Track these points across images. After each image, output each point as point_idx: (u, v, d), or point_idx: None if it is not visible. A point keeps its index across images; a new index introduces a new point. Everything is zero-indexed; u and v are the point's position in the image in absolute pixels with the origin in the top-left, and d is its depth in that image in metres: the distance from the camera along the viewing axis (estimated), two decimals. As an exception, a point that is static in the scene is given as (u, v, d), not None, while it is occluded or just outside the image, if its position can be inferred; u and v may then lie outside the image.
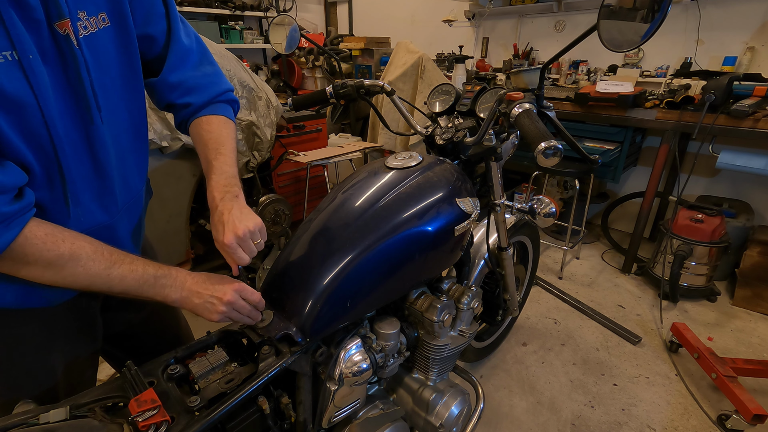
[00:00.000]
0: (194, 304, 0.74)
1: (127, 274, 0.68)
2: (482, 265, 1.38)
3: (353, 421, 1.00)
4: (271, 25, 1.55)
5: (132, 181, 0.83)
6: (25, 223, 0.59)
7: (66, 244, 0.63)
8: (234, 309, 0.76)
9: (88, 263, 0.64)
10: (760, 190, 2.60)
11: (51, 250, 0.61)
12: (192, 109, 0.87)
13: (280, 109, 2.38)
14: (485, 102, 1.15)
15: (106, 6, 0.66)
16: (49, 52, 0.60)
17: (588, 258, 2.88)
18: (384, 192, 0.96)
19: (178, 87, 0.84)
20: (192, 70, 0.85)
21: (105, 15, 0.66)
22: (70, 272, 0.63)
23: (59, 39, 0.60)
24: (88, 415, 0.62)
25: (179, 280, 0.73)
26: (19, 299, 0.72)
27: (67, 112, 0.64)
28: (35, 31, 0.57)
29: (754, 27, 2.44)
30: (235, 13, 3.95)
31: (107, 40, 0.68)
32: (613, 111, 2.45)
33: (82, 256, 0.64)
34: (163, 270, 0.72)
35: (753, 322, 2.22)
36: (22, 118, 0.58)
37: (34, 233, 0.60)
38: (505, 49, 3.59)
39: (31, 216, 0.61)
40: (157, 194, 2.12)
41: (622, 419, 1.64)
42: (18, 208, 0.58)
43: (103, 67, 0.68)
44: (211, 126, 0.87)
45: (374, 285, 0.90)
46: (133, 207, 0.86)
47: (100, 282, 0.66)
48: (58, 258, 0.62)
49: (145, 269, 0.70)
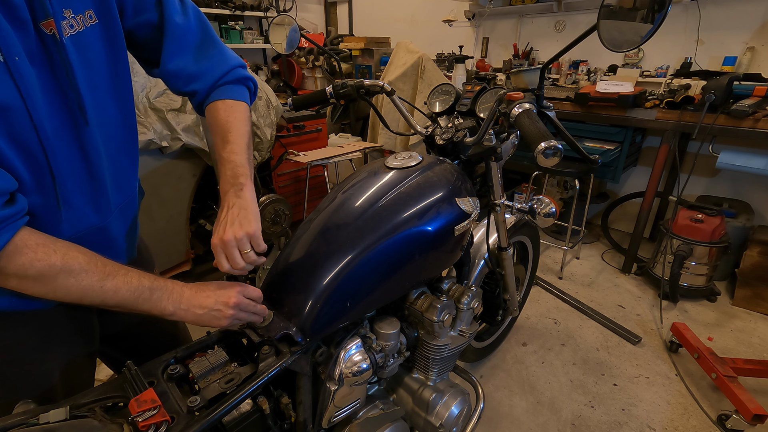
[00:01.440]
0: (197, 316, 0.71)
1: (121, 286, 0.65)
2: (482, 265, 1.38)
3: (353, 421, 1.00)
4: (271, 25, 1.55)
5: (125, 181, 0.82)
6: (17, 230, 0.57)
7: (58, 255, 0.60)
8: (241, 310, 0.75)
9: (81, 275, 0.61)
10: (760, 190, 2.60)
11: (42, 260, 0.58)
12: (200, 97, 0.84)
13: (280, 109, 2.38)
14: (485, 102, 1.15)
15: (92, 3, 0.64)
16: (36, 53, 0.58)
17: (588, 258, 2.88)
18: (384, 192, 0.96)
19: (179, 75, 0.81)
20: (192, 55, 0.81)
21: (92, 12, 0.64)
22: (61, 284, 0.60)
23: (46, 39, 0.58)
24: (88, 415, 0.62)
25: (176, 293, 0.70)
26: (14, 303, 0.71)
27: (56, 114, 0.62)
28: (22, 31, 0.56)
29: (754, 27, 2.44)
30: (235, 13, 3.94)
31: (94, 37, 0.66)
32: (613, 111, 2.45)
33: (74, 267, 0.61)
34: (158, 282, 0.69)
35: (753, 322, 2.22)
36: (8, 122, 0.56)
37: (25, 242, 0.58)
38: (505, 49, 3.59)
39: (23, 223, 0.59)
40: (157, 194, 2.13)
41: (622, 419, 1.64)
42: (9, 214, 0.56)
43: (93, 66, 0.66)
44: (217, 113, 0.83)
45: (374, 285, 0.90)
46: (126, 208, 0.85)
47: (93, 295, 0.63)
48: (50, 269, 0.59)
49: (141, 281, 0.67)
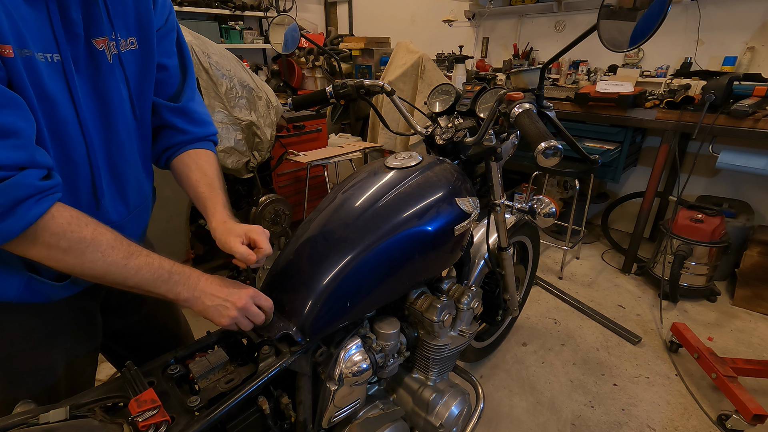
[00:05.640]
0: (205, 306, 0.73)
1: (143, 266, 0.67)
2: (482, 265, 1.38)
3: (353, 421, 1.00)
4: (271, 25, 1.55)
5: (143, 185, 0.88)
6: (54, 202, 0.61)
7: (89, 229, 0.63)
8: (245, 315, 0.75)
9: (108, 251, 0.64)
10: (760, 190, 2.60)
11: (74, 231, 0.62)
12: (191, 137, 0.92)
13: (280, 109, 2.38)
14: (485, 102, 1.15)
15: (136, 33, 0.76)
16: (81, 61, 0.67)
17: (588, 258, 2.88)
18: (384, 192, 0.96)
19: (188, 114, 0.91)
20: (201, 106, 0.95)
21: (134, 39, 0.76)
22: (89, 258, 0.63)
23: (95, 53, 0.68)
24: (88, 415, 0.62)
25: (192, 280, 0.73)
26: (22, 293, 0.73)
27: (92, 117, 0.71)
28: (74, 42, 0.65)
29: (754, 27, 2.44)
30: (235, 13, 3.95)
31: (133, 60, 0.77)
32: (613, 111, 2.45)
33: (102, 242, 0.64)
34: (177, 267, 0.72)
35: (753, 322, 2.22)
36: (51, 112, 0.63)
37: (61, 213, 0.61)
38: (505, 49, 3.59)
39: (58, 198, 0.62)
40: (158, 194, 2.12)
41: (622, 419, 1.64)
42: (47, 186, 0.60)
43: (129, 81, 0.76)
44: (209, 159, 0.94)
45: (374, 285, 0.90)
46: (142, 212, 0.90)
47: (116, 272, 0.66)
48: (80, 241, 0.62)
49: (161, 264, 0.70)
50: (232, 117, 2.06)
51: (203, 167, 0.91)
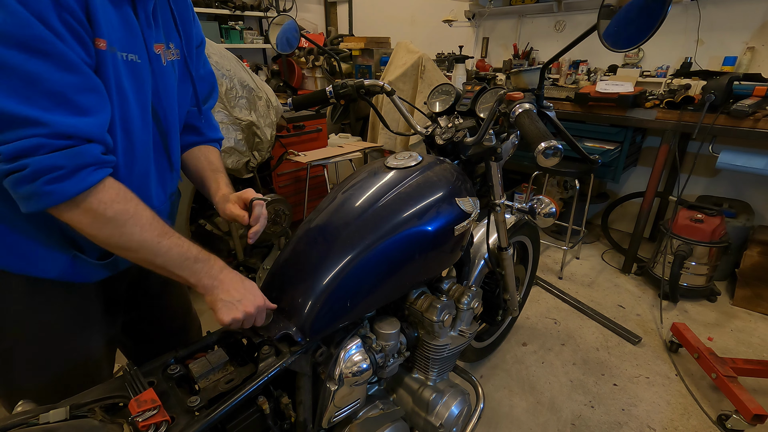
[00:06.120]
0: (217, 298, 0.75)
1: (173, 247, 0.71)
2: (482, 265, 1.38)
3: (353, 421, 1.00)
4: (271, 25, 1.55)
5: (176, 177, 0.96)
6: (108, 174, 0.66)
7: (132, 204, 0.68)
8: (247, 320, 0.77)
9: (146, 226, 0.68)
10: (760, 190, 2.60)
11: (120, 203, 0.66)
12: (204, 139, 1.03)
13: (280, 109, 2.38)
14: (485, 102, 1.15)
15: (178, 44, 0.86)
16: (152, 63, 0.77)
17: (588, 258, 2.88)
18: (384, 192, 0.96)
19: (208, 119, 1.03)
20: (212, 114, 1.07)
21: (179, 51, 0.86)
22: (128, 230, 0.67)
23: (152, 56, 0.77)
24: (88, 415, 0.62)
25: (215, 269, 0.76)
26: (65, 271, 0.78)
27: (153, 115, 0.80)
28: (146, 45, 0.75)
29: (754, 27, 2.44)
30: (235, 13, 3.94)
31: (177, 67, 0.87)
32: (613, 111, 2.45)
33: (142, 218, 0.68)
34: (203, 254, 0.76)
35: (753, 322, 2.22)
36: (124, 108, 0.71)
37: (111, 184, 0.67)
38: (505, 49, 3.59)
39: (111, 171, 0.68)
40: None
41: (622, 419, 1.64)
42: (106, 159, 0.66)
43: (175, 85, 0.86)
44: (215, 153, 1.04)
45: (374, 285, 0.90)
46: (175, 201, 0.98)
47: (148, 248, 0.69)
48: (123, 213, 0.66)
49: (190, 248, 0.73)
50: (232, 117, 2.06)
51: (209, 158, 1.01)
